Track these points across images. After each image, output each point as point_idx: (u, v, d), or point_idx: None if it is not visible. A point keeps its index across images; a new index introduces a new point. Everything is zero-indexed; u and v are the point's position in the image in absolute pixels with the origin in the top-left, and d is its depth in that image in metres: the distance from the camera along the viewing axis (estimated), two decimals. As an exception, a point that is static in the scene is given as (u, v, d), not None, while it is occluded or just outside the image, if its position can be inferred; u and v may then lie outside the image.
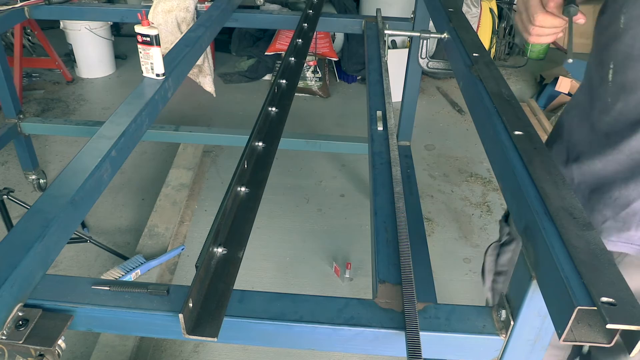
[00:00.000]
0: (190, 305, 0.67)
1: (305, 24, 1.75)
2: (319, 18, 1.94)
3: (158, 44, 1.26)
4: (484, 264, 1.19)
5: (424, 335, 0.67)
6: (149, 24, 1.23)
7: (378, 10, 1.90)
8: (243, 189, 0.93)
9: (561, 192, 0.68)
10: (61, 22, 3.73)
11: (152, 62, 1.28)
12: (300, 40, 1.61)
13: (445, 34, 1.36)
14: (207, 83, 2.39)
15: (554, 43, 4.39)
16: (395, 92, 2.21)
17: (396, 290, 0.76)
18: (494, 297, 1.19)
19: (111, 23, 3.88)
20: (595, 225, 0.64)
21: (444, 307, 0.74)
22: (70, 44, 3.82)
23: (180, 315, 0.65)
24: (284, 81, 1.33)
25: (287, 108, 1.23)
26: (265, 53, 3.84)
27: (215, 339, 0.67)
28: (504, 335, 0.71)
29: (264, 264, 2.25)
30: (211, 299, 0.71)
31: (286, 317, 0.73)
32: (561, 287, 0.56)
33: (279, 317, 0.73)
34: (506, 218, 1.17)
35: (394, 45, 3.84)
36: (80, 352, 1.84)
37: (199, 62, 2.25)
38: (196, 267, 0.72)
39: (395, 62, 3.02)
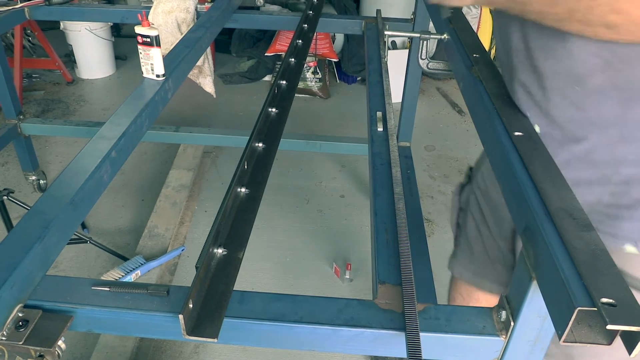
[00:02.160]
0: (190, 306, 0.67)
1: (305, 25, 1.75)
2: (319, 19, 1.94)
3: (158, 45, 1.26)
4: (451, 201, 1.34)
5: (424, 336, 0.67)
6: (149, 25, 1.23)
7: (378, 11, 1.91)
8: (243, 189, 0.93)
9: (561, 193, 0.69)
10: (61, 23, 3.73)
11: (152, 63, 1.29)
12: (300, 41, 1.61)
13: (445, 35, 1.36)
14: (207, 84, 2.40)
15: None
16: (395, 93, 2.22)
17: (396, 291, 0.75)
18: (455, 230, 1.33)
19: (111, 24, 3.88)
20: None
21: (444, 308, 0.74)
22: (71, 45, 3.83)
23: (180, 316, 0.65)
24: (284, 82, 1.33)
25: (287, 109, 1.23)
26: (266, 54, 3.84)
27: (216, 340, 0.67)
28: (504, 336, 0.71)
29: (264, 265, 2.25)
30: (211, 299, 0.71)
31: (286, 317, 0.72)
32: (561, 288, 0.56)
33: (279, 317, 0.72)
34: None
35: (394, 46, 3.84)
36: (80, 353, 1.84)
37: (199, 63, 2.25)
38: (196, 267, 0.72)
39: (395, 63, 3.02)
